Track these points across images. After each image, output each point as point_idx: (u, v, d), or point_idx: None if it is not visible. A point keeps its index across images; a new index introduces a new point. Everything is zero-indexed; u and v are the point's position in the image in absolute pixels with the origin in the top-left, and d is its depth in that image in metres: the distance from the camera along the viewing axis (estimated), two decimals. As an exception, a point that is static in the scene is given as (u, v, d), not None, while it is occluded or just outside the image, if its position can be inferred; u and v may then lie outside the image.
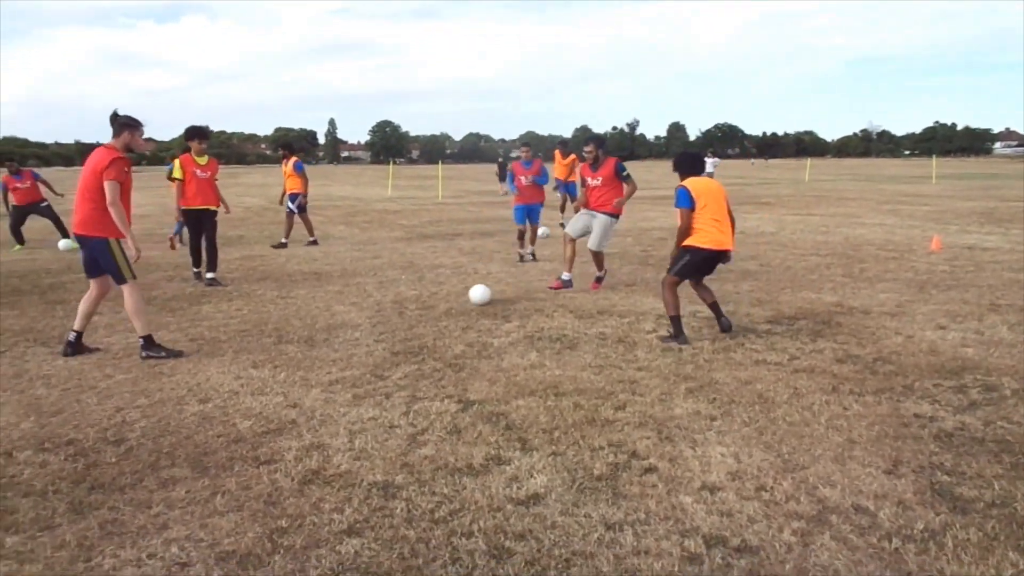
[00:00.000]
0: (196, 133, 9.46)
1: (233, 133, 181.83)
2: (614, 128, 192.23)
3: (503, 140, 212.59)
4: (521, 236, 11.20)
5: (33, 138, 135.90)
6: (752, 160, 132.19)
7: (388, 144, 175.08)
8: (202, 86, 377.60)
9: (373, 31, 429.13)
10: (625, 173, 8.57)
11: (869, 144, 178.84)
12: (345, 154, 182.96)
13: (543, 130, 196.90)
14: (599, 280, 8.92)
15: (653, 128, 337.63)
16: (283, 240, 13.41)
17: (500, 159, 43.12)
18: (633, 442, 4.12)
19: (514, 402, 4.81)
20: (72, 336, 6.04)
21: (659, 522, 3.23)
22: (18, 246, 13.97)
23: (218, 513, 3.37)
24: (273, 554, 3.02)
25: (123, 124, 5.90)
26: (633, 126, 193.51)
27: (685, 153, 6.88)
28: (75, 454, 4.06)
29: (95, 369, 5.66)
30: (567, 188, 16.76)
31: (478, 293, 7.92)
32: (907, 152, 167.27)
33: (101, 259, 5.94)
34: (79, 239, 5.98)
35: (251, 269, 10.79)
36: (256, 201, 27.38)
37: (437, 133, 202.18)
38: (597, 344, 6.24)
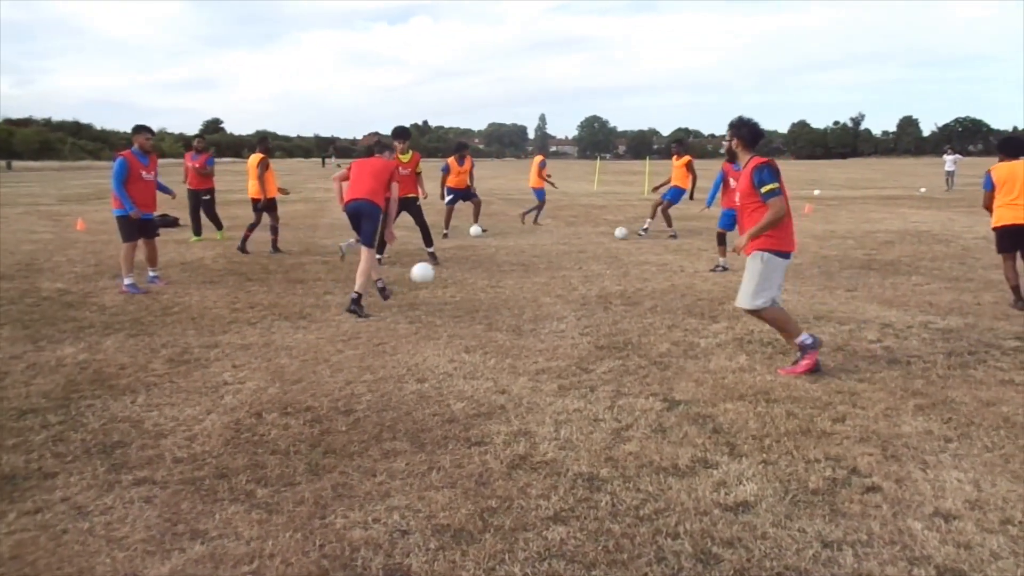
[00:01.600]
0: (399, 134, 10.59)
1: (450, 128, 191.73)
2: (836, 123, 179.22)
3: (712, 135, 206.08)
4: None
5: (280, 131, 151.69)
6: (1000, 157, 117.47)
7: (596, 139, 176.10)
8: (427, 82, 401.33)
9: (586, 26, 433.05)
10: (766, 188, 5.17)
11: None
12: (553, 148, 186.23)
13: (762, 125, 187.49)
14: (796, 363, 5.39)
15: (881, 123, 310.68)
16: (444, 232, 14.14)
17: None
18: (853, 457, 3.84)
19: (722, 405, 4.66)
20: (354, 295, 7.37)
21: (883, 546, 2.99)
22: (195, 237, 13.44)
23: (434, 488, 3.59)
24: (484, 532, 3.16)
25: (383, 145, 8.19)
26: (858, 120, 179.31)
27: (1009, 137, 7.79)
28: (312, 420, 4.50)
29: (328, 344, 6.23)
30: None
31: (419, 272, 8.54)
32: None
33: (369, 224, 7.53)
34: (367, 204, 7.54)
35: (464, 258, 11.33)
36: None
37: (645, 128, 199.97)
38: (813, 351, 5.87)
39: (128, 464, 3.85)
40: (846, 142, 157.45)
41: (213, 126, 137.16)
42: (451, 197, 14.22)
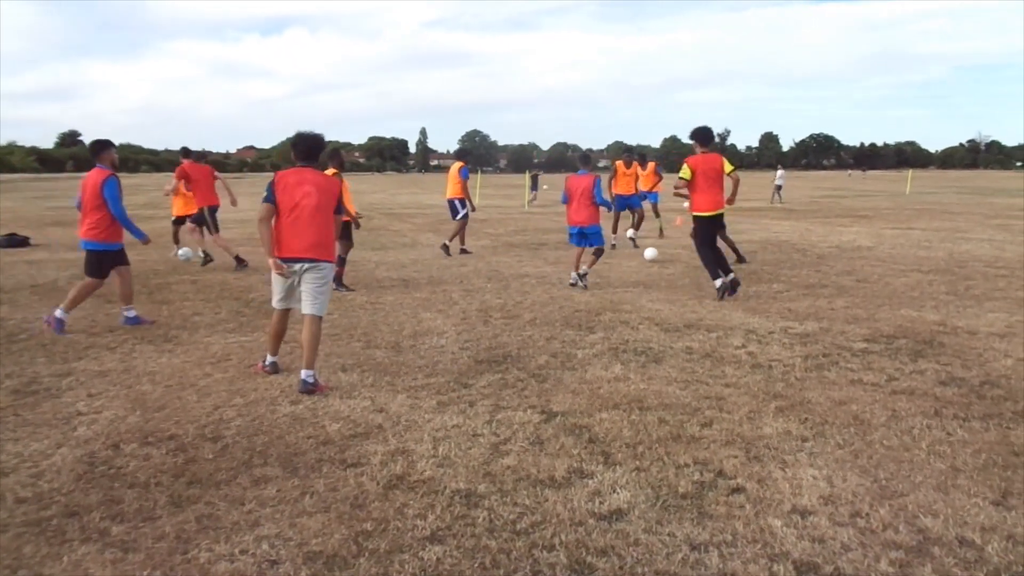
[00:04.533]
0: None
1: (329, 142, 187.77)
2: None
3: (590, 149, 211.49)
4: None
5: (147, 145, 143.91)
6: (849, 172, 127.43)
7: (477, 153, 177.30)
8: (303, 95, 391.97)
9: (467, 42, 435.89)
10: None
11: (977, 155, 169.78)
12: (435, 162, 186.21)
13: (631, 140, 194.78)
14: None
15: (745, 138, 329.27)
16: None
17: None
18: (720, 461, 4.01)
19: (597, 415, 4.76)
20: None
21: (746, 545, 3.13)
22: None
23: (307, 513, 3.47)
24: (358, 557, 3.08)
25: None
26: (724, 136, 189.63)
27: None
28: (176, 449, 4.26)
29: (195, 367, 5.92)
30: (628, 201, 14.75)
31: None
32: (1019, 164, 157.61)
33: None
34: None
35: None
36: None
37: (525, 143, 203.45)
38: (683, 358, 6.12)
39: (-38, 508, 3.51)
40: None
41: (70, 138, 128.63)
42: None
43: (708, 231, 8.94)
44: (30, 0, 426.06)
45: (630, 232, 14.53)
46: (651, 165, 16.28)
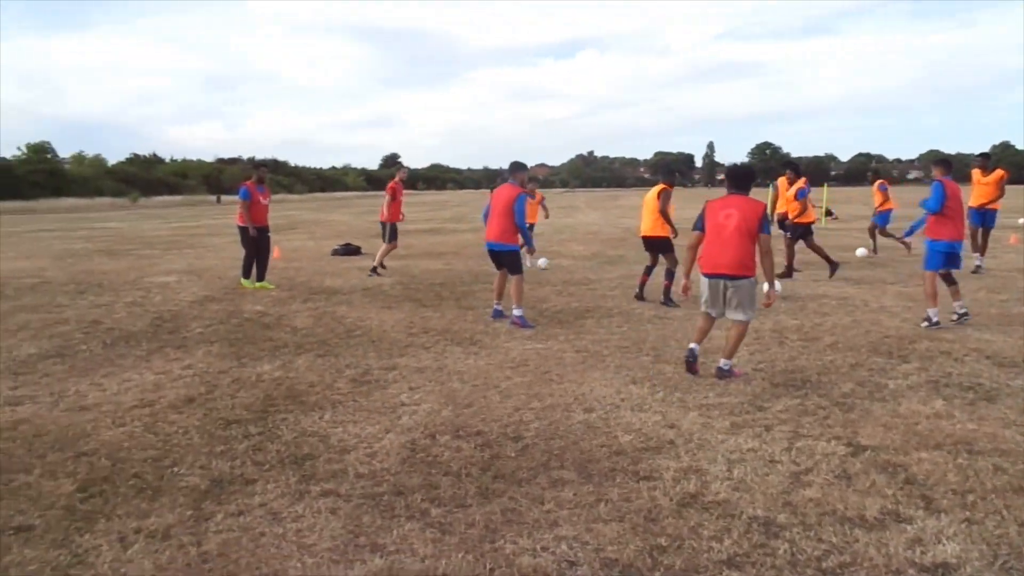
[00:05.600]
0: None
1: (615, 157, 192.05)
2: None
3: (898, 160, 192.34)
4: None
5: (451, 164, 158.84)
6: None
7: (768, 166, 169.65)
8: (591, 114, 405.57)
9: (757, 51, 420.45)
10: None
11: None
12: (721, 177, 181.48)
13: (950, 148, 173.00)
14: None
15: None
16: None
17: None
18: (1078, 523, 3.40)
19: (915, 454, 4.29)
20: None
21: (1119, 629, 2.62)
22: (246, 281, 11.39)
23: (602, 520, 3.56)
24: (654, 570, 3.09)
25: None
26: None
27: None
28: (482, 444, 4.61)
29: (497, 370, 6.38)
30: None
31: None
32: None
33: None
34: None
35: (630, 288, 11.23)
36: (635, 223, 28.48)
37: (821, 154, 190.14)
38: (1023, 399, 5.29)
39: (316, 476, 4.13)
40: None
41: (391, 160, 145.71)
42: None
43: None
44: (359, 41, 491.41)
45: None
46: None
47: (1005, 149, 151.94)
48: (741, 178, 6.16)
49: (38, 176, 59.88)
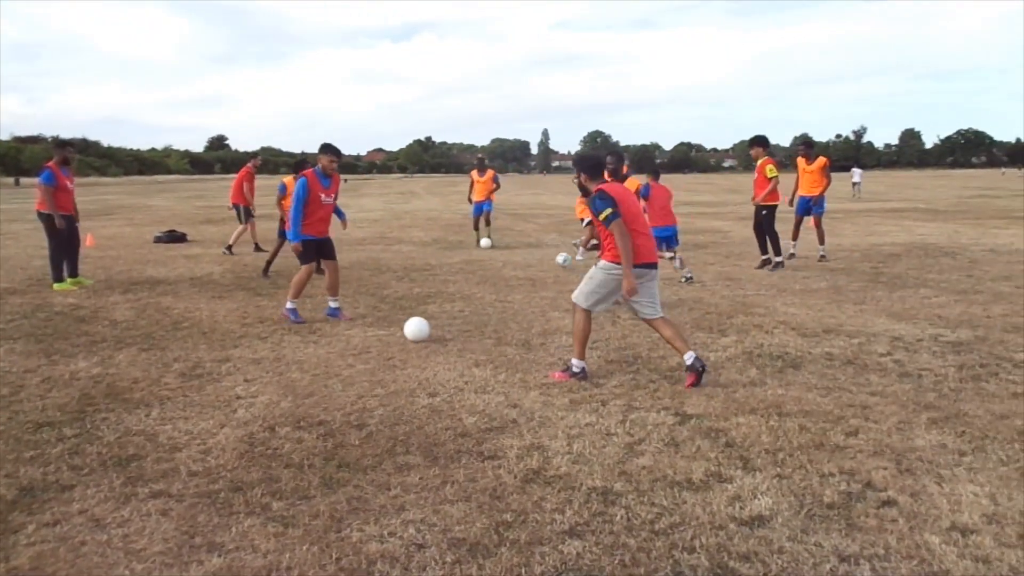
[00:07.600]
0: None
1: (453, 144, 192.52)
2: (838, 136, 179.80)
3: (715, 149, 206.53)
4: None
5: (286, 148, 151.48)
6: (1002, 169, 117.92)
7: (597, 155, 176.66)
8: (430, 99, 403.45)
9: (591, 43, 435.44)
10: (603, 216, 5.31)
11: None
12: (556, 164, 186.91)
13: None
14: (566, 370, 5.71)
15: (883, 136, 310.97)
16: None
17: None
18: (867, 472, 3.84)
19: (734, 419, 4.67)
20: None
21: (901, 560, 2.99)
22: (60, 284, 10.00)
23: (449, 501, 3.59)
24: (500, 546, 3.16)
25: None
26: (860, 133, 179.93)
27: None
28: (325, 434, 4.51)
29: (339, 358, 6.24)
30: None
31: (413, 329, 6.87)
32: None
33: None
34: None
35: (470, 272, 11.36)
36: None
37: (647, 143, 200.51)
38: (823, 365, 5.88)
39: (144, 477, 3.87)
40: (848, 155, 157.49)
41: (218, 143, 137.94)
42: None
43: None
44: (183, 16, 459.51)
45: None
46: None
47: (802, 140, 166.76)
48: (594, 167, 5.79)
49: None
